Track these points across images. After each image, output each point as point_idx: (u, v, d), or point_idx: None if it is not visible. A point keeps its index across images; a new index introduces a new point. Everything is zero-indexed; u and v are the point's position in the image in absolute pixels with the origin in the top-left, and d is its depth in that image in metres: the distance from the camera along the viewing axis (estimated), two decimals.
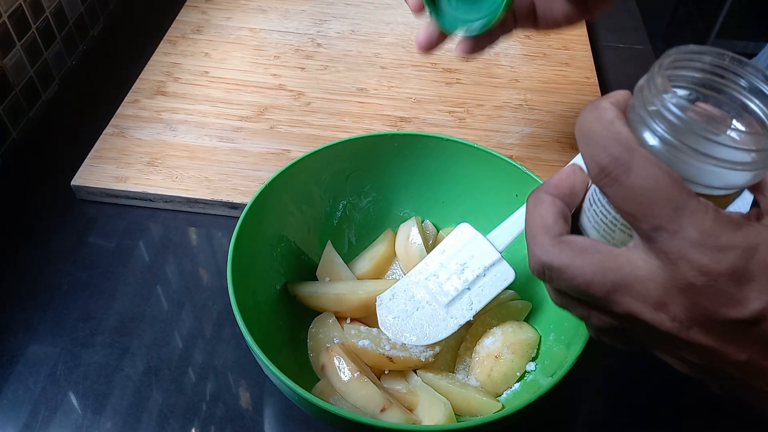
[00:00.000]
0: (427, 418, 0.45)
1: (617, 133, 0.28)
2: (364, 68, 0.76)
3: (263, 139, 0.67)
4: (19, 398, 0.49)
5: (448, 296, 0.46)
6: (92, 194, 0.63)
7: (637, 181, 0.27)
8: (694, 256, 0.26)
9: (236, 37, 0.79)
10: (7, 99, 0.66)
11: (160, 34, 0.79)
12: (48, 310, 0.54)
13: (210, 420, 0.48)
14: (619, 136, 0.28)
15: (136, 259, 0.58)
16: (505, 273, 0.45)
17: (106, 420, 0.48)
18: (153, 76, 0.73)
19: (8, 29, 0.65)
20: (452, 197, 0.55)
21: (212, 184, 0.62)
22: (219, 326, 0.54)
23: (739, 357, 0.28)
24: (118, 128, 0.67)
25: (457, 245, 0.47)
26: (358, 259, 0.55)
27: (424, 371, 0.48)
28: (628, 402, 0.50)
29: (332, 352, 0.46)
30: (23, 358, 0.51)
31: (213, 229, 0.61)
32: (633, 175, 0.27)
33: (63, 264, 0.58)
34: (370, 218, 0.57)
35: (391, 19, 0.83)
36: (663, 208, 0.26)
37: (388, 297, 0.48)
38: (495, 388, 0.47)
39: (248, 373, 0.51)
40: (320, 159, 0.52)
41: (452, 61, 0.77)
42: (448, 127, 0.69)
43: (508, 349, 0.47)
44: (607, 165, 0.28)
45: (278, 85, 0.73)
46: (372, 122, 0.70)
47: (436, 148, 0.53)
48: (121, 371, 0.51)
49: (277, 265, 0.51)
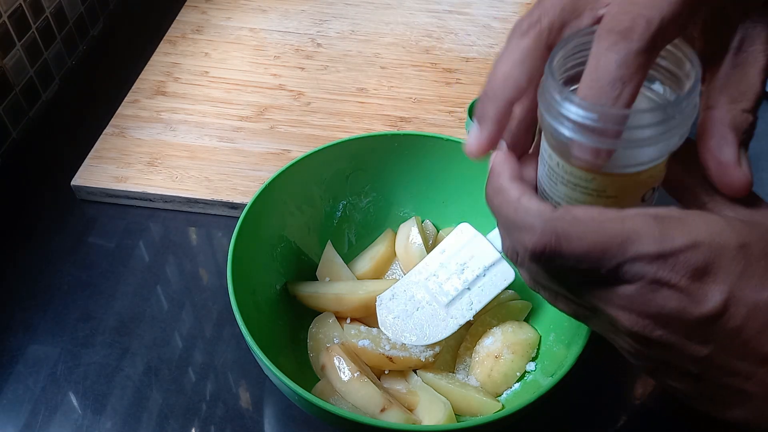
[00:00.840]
0: (427, 418, 0.45)
1: (530, 212, 0.29)
2: (364, 68, 0.76)
3: (263, 139, 0.67)
4: (19, 398, 0.49)
5: (448, 296, 0.46)
6: (92, 194, 0.63)
7: (576, 246, 0.27)
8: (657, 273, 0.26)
9: (236, 37, 0.79)
10: (7, 99, 0.66)
11: (160, 34, 0.79)
12: (48, 310, 0.54)
13: (210, 420, 0.48)
14: (535, 215, 0.29)
15: (136, 259, 0.58)
16: (505, 273, 0.45)
17: (106, 420, 0.48)
18: (153, 76, 0.73)
19: (8, 29, 0.65)
20: (452, 197, 0.55)
21: (212, 184, 0.62)
22: (219, 326, 0.54)
23: (700, 353, 0.27)
24: (118, 128, 0.67)
25: (457, 245, 0.47)
26: (358, 259, 0.55)
27: (424, 371, 0.48)
28: (628, 402, 0.50)
29: (332, 352, 0.46)
30: (23, 358, 0.51)
31: (213, 229, 0.61)
32: (568, 244, 0.27)
33: (63, 264, 0.58)
34: (370, 218, 0.57)
35: (391, 19, 0.83)
36: (611, 251, 0.27)
37: (388, 297, 0.48)
38: (495, 388, 0.47)
39: (248, 373, 0.51)
40: (320, 159, 0.52)
41: (452, 61, 0.77)
42: (448, 127, 0.69)
43: (508, 349, 0.47)
44: (541, 248, 0.28)
45: (278, 85, 0.73)
46: (372, 122, 0.70)
47: (436, 148, 0.53)
48: (121, 371, 0.51)
49: (277, 265, 0.51)
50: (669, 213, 0.27)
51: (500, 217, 0.31)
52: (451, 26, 0.82)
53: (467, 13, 0.84)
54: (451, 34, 0.81)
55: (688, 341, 0.27)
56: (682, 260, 0.26)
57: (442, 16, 0.83)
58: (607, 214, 0.28)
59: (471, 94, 0.72)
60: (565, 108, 0.28)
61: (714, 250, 0.26)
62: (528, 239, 0.28)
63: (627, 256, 0.27)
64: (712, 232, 0.26)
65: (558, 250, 0.28)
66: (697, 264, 0.26)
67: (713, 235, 0.26)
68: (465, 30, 0.81)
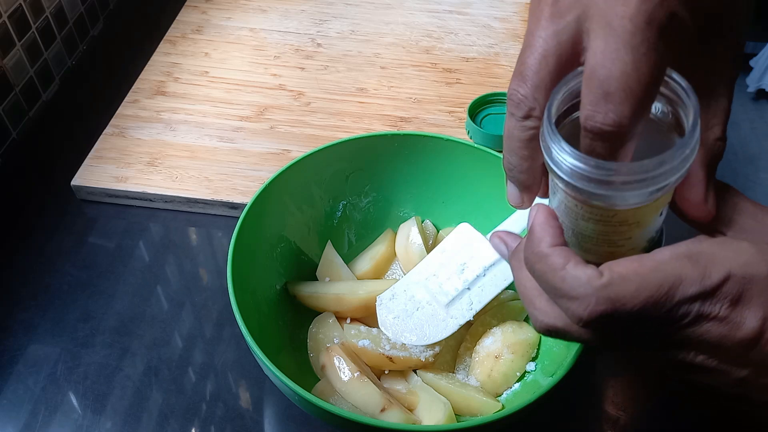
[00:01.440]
0: (427, 418, 0.45)
1: (579, 280, 0.29)
2: (364, 68, 0.76)
3: (263, 139, 0.67)
4: (19, 398, 0.49)
5: (448, 296, 0.46)
6: (92, 194, 0.63)
7: (630, 307, 0.28)
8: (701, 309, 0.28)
9: (236, 37, 0.79)
10: (7, 99, 0.66)
11: (160, 34, 0.79)
12: (48, 310, 0.54)
13: (210, 420, 0.48)
14: (584, 284, 0.29)
15: (136, 259, 0.58)
16: (505, 273, 0.45)
17: (106, 420, 0.48)
18: (153, 76, 0.73)
19: (8, 29, 0.65)
20: (452, 197, 0.55)
21: (212, 184, 0.62)
22: (219, 326, 0.54)
23: (739, 374, 0.29)
24: (118, 128, 0.67)
25: (457, 245, 0.47)
26: (358, 259, 0.55)
27: (424, 371, 0.48)
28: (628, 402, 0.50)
29: (332, 352, 0.46)
30: (23, 358, 0.51)
31: (213, 229, 0.61)
32: (623, 308, 0.28)
33: (63, 264, 0.58)
34: (370, 218, 0.57)
35: (391, 19, 0.83)
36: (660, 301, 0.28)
37: (388, 297, 0.48)
38: (495, 388, 0.47)
39: (248, 373, 0.51)
40: (320, 159, 0.52)
41: (452, 61, 0.77)
42: (448, 127, 0.69)
43: (508, 349, 0.47)
44: (596, 316, 0.28)
45: (278, 85, 0.73)
46: (372, 122, 0.70)
47: (436, 148, 0.53)
48: (121, 371, 0.51)
49: (277, 265, 0.51)
50: (700, 248, 0.29)
51: (544, 283, 0.31)
52: (451, 26, 0.82)
53: (467, 13, 0.84)
54: (451, 34, 0.81)
55: (729, 365, 0.29)
56: (719, 294, 0.28)
57: (442, 16, 0.83)
58: (647, 264, 0.29)
59: (471, 94, 0.72)
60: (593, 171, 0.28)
61: (747, 280, 0.28)
62: (582, 310, 0.29)
63: (674, 302, 0.28)
64: (743, 263, 0.28)
65: (614, 316, 0.29)
66: (733, 294, 0.28)
67: (744, 266, 0.28)
68: (465, 30, 0.81)
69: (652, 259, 0.29)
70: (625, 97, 0.27)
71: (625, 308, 0.28)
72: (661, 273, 0.28)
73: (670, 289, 0.28)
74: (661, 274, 0.28)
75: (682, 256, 0.28)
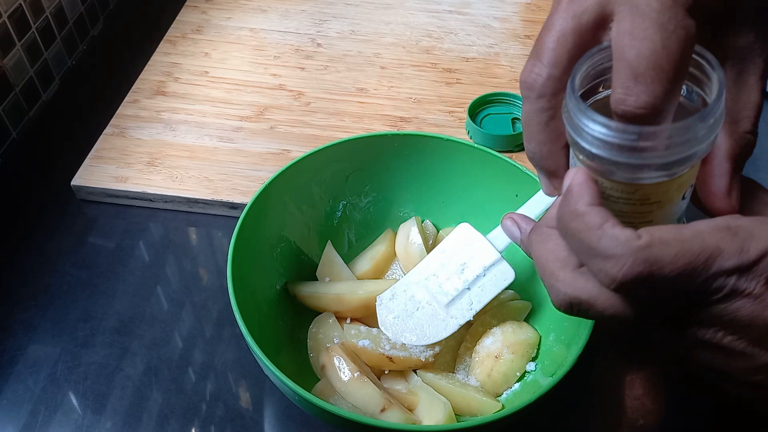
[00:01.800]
0: (427, 418, 0.45)
1: (617, 239, 0.28)
2: (364, 68, 0.76)
3: (263, 139, 0.67)
4: (19, 398, 0.49)
5: (448, 296, 0.46)
6: (92, 194, 0.63)
7: (669, 271, 0.27)
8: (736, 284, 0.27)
9: (236, 37, 0.79)
10: (7, 99, 0.66)
11: (160, 34, 0.79)
12: (48, 310, 0.54)
13: (210, 420, 0.48)
14: (622, 243, 0.28)
15: (136, 259, 0.58)
16: (505, 273, 0.45)
17: (106, 420, 0.48)
18: (153, 76, 0.73)
19: (8, 29, 0.65)
20: (452, 197, 0.55)
21: (212, 184, 0.62)
22: (219, 326, 0.54)
23: (765, 359, 0.28)
24: (118, 128, 0.67)
25: (457, 245, 0.47)
26: (358, 259, 0.55)
27: (424, 371, 0.48)
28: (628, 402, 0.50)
29: (332, 352, 0.46)
30: (23, 358, 0.51)
31: (213, 229, 0.61)
32: (660, 271, 0.27)
33: (63, 264, 0.58)
34: (370, 218, 0.57)
35: (391, 19, 0.83)
36: (697, 269, 0.27)
37: (388, 297, 0.48)
38: (495, 388, 0.47)
39: (248, 373, 0.51)
40: (320, 159, 0.52)
41: (452, 61, 0.77)
42: (448, 127, 0.69)
43: (508, 349, 0.47)
44: (632, 276, 0.27)
45: (278, 85, 0.73)
46: (372, 122, 0.70)
47: (436, 148, 0.53)
48: (121, 371, 0.51)
49: (277, 265, 0.51)
50: (738, 223, 0.28)
51: (578, 242, 0.29)
52: (451, 26, 0.82)
53: (467, 13, 0.84)
54: (451, 34, 0.81)
55: (757, 347, 0.28)
56: (756, 270, 0.27)
57: (442, 16, 0.83)
58: (686, 232, 0.28)
59: (471, 94, 0.72)
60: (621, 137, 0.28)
61: None
62: (617, 270, 0.28)
63: (710, 273, 0.27)
64: None
65: (648, 279, 0.28)
66: None
67: None
68: (465, 30, 0.81)
69: (691, 228, 0.28)
70: (656, 77, 0.26)
71: (662, 272, 0.27)
72: (701, 241, 0.27)
73: (709, 258, 0.27)
74: (700, 242, 0.27)
75: (722, 227, 0.28)
